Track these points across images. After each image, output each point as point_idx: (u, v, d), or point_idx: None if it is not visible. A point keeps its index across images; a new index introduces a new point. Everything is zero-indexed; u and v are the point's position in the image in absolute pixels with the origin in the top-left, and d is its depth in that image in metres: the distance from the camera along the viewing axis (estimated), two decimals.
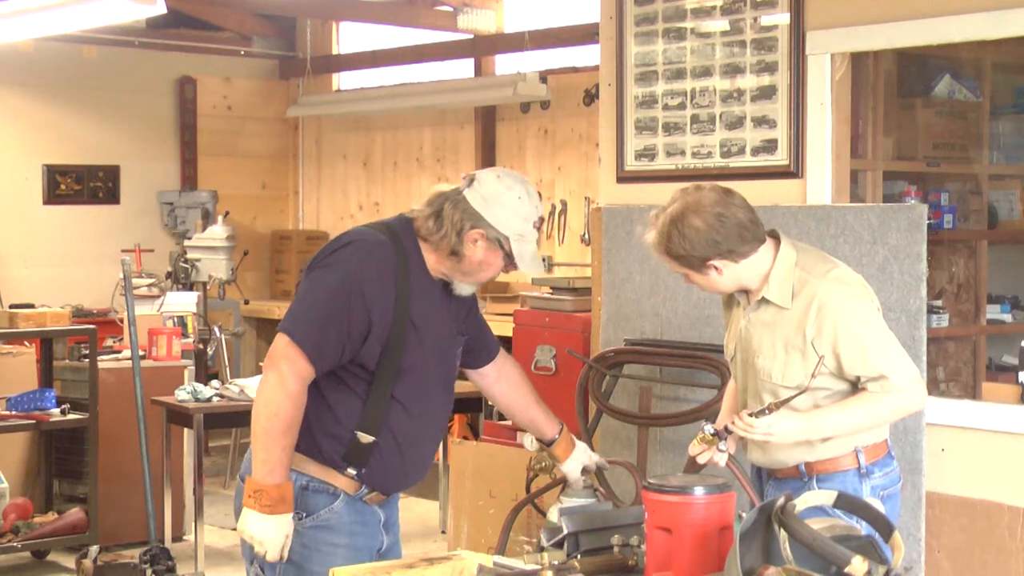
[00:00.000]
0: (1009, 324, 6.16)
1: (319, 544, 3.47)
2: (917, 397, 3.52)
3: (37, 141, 10.38)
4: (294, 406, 3.36)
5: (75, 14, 6.40)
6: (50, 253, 10.43)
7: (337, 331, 3.37)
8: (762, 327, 3.56)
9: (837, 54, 4.86)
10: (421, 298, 3.46)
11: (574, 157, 9.62)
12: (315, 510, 3.47)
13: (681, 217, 3.49)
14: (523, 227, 3.44)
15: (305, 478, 3.46)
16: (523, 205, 3.44)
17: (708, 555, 2.70)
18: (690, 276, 3.56)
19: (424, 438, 3.56)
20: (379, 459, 3.47)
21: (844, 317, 3.45)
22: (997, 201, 6.40)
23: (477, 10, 10.11)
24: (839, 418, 3.47)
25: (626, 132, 5.48)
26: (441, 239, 3.44)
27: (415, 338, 3.44)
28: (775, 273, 3.52)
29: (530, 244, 3.47)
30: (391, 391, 3.43)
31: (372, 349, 3.41)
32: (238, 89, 11.32)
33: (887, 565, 2.60)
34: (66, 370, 7.42)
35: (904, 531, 4.16)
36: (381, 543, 3.59)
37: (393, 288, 3.41)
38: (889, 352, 3.48)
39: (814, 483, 3.52)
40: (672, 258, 3.52)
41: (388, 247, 3.45)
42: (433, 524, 7.78)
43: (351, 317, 3.37)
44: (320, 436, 3.46)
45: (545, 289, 6.33)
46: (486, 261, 3.46)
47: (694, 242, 3.47)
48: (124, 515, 7.14)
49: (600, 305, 5.48)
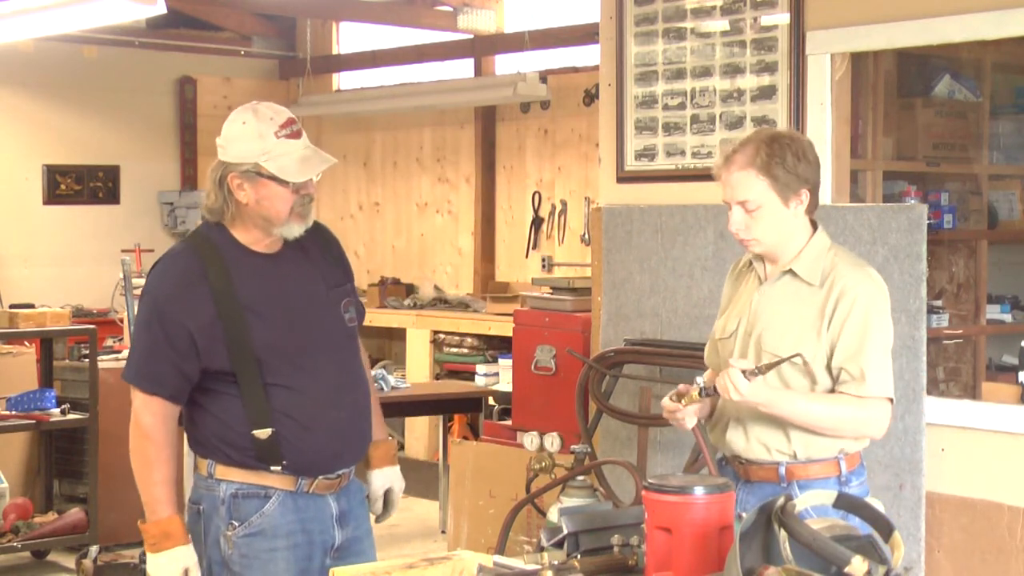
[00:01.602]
0: (1009, 324, 6.16)
1: (256, 552, 3.41)
2: (880, 421, 3.45)
3: (37, 141, 10.39)
4: (152, 443, 3.40)
5: (75, 14, 6.40)
6: (50, 253, 10.44)
7: (163, 356, 3.37)
8: (779, 302, 3.49)
9: (837, 54, 4.86)
10: (251, 280, 3.40)
11: (574, 157, 9.62)
12: (246, 517, 3.41)
13: (790, 135, 3.47)
14: (262, 145, 3.33)
15: (234, 486, 3.42)
16: (249, 127, 3.35)
17: (708, 555, 2.70)
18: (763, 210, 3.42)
19: (327, 407, 3.43)
20: (289, 446, 3.38)
21: (860, 307, 3.42)
22: (997, 201, 6.40)
23: (477, 10, 10.12)
24: (802, 405, 3.40)
25: (626, 132, 5.48)
26: (224, 206, 3.40)
27: (258, 321, 3.37)
28: (808, 250, 3.49)
29: (284, 155, 3.34)
30: (261, 380, 3.37)
31: (214, 352, 3.36)
32: (238, 89, 11.32)
33: (887, 565, 2.61)
34: (66, 370, 7.42)
35: (904, 531, 4.16)
36: (332, 539, 3.49)
37: (205, 287, 3.36)
38: (882, 363, 3.44)
39: (795, 489, 3.42)
40: (770, 176, 3.39)
41: (186, 253, 3.43)
42: (433, 524, 7.78)
43: (168, 337, 3.36)
44: (226, 448, 3.42)
45: (545, 289, 6.34)
46: (263, 197, 3.36)
47: (805, 157, 3.42)
48: (124, 515, 7.10)
49: (600, 305, 5.48)
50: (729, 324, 3.61)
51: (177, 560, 3.36)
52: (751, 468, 3.52)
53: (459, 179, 10.32)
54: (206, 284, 3.36)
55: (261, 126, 3.35)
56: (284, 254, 3.47)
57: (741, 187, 3.43)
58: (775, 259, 3.53)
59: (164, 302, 3.39)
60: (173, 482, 3.42)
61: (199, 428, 3.48)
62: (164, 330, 3.36)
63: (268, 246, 3.45)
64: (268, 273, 3.44)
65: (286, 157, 3.35)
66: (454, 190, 10.36)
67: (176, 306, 3.37)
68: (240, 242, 3.43)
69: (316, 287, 3.50)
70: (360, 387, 3.56)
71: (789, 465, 3.47)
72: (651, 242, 5.25)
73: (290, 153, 3.35)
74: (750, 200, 3.42)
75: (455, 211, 10.40)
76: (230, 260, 3.40)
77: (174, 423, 3.46)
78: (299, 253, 3.49)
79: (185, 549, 3.38)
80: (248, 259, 3.43)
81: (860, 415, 3.42)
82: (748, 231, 3.46)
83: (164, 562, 3.36)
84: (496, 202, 10.19)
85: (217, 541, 3.43)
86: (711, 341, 3.75)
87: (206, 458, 3.47)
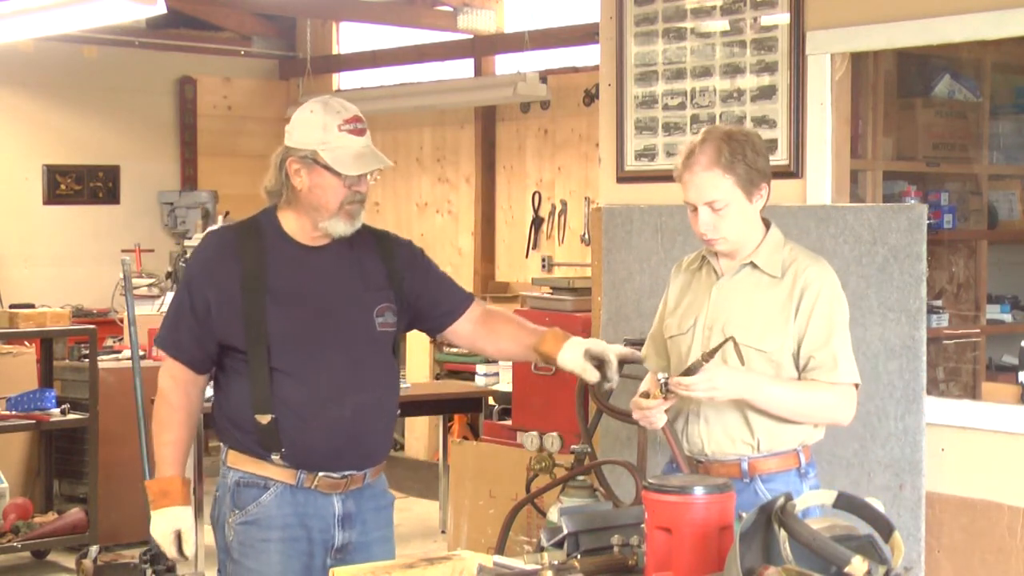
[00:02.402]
0: (1009, 324, 6.16)
1: (251, 540, 3.45)
2: (849, 406, 3.49)
3: (37, 141, 10.39)
4: (166, 403, 3.49)
5: (75, 14, 6.41)
6: (50, 253, 10.44)
7: (185, 322, 3.48)
8: (740, 294, 3.52)
9: (837, 54, 4.86)
10: (284, 267, 3.46)
11: (574, 157, 9.63)
12: (244, 505, 3.47)
13: (743, 131, 3.51)
14: (323, 135, 3.41)
15: (238, 474, 3.49)
16: (315, 116, 3.43)
17: (708, 555, 2.70)
18: (730, 208, 3.44)
19: (328, 402, 3.44)
20: (288, 436, 3.42)
21: (825, 298, 3.47)
22: (997, 201, 6.40)
23: (477, 10, 10.12)
24: (779, 390, 3.43)
25: (626, 132, 5.48)
26: (281, 189, 3.48)
27: (277, 307, 3.42)
28: (767, 243, 3.53)
29: (342, 148, 3.41)
30: (269, 364, 3.41)
31: (231, 327, 3.43)
32: (238, 89, 11.32)
33: (887, 565, 2.61)
34: (66, 370, 7.42)
35: (904, 531, 4.16)
36: (332, 539, 3.49)
37: (236, 264, 3.44)
38: (848, 351, 3.49)
39: (758, 483, 3.46)
40: (734, 174, 3.42)
41: (228, 231, 3.58)
42: (433, 524, 7.78)
43: (191, 305, 3.47)
44: (232, 428, 3.50)
45: (545, 289, 6.34)
46: (316, 185, 3.43)
47: (761, 152, 3.47)
48: (124, 515, 7.13)
49: (600, 305, 5.48)
50: (684, 321, 3.61)
51: (171, 520, 3.43)
52: (712, 466, 3.52)
53: (459, 179, 10.32)
54: (238, 262, 3.45)
55: (327, 118, 3.43)
56: (328, 249, 3.52)
57: (708, 187, 3.45)
58: (733, 255, 3.56)
59: (195, 271, 3.51)
60: (183, 446, 3.49)
61: (216, 408, 3.56)
62: (190, 298, 3.47)
63: (314, 239, 3.51)
64: (304, 264, 3.49)
65: (343, 150, 3.41)
66: (454, 190, 10.36)
67: (204, 277, 3.47)
68: (286, 231, 3.51)
69: (352, 286, 3.53)
70: (373, 391, 3.53)
71: (751, 459, 3.50)
72: (651, 242, 5.25)
73: (348, 147, 3.42)
74: (718, 199, 3.45)
75: (455, 211, 10.40)
76: (269, 245, 3.48)
77: (195, 390, 3.53)
78: (344, 251, 3.53)
79: (181, 510, 3.44)
80: (288, 248, 3.50)
81: (831, 400, 3.47)
82: (716, 230, 3.49)
83: (159, 520, 3.43)
84: (496, 202, 10.20)
85: (223, 527, 3.51)
86: (653, 341, 3.78)
87: (221, 442, 3.56)
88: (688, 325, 3.59)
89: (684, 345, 3.59)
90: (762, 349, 3.45)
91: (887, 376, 4.54)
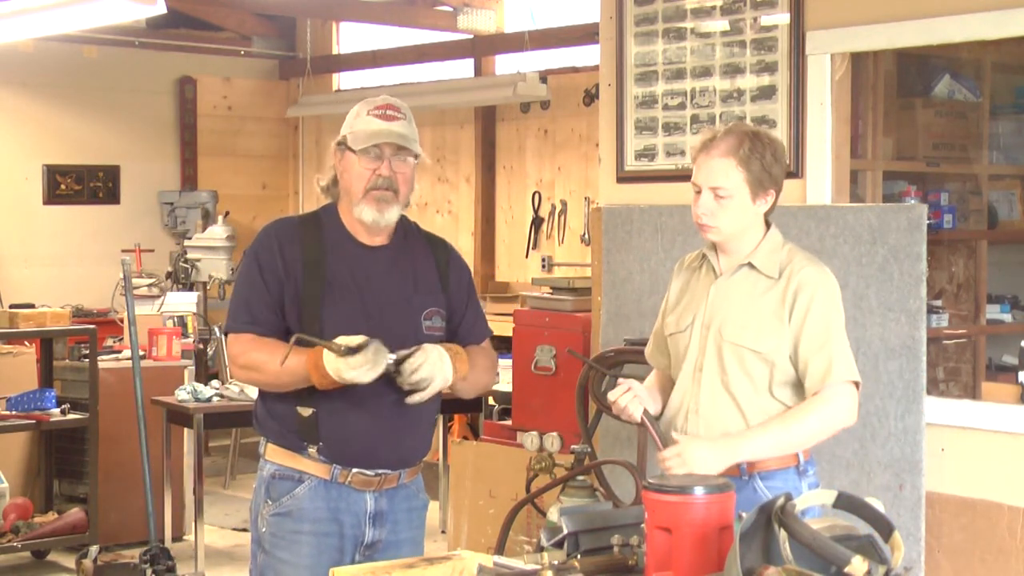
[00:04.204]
0: (1009, 324, 6.16)
1: (283, 532, 3.49)
2: (850, 408, 3.48)
3: (37, 141, 10.39)
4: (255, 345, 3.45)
5: (75, 14, 6.41)
6: (50, 253, 10.44)
7: (257, 293, 3.49)
8: (737, 294, 3.54)
9: (837, 54, 4.86)
10: (341, 262, 3.52)
11: (574, 157, 9.62)
12: (278, 497, 3.50)
13: (770, 135, 3.54)
14: (353, 121, 3.54)
15: (274, 467, 3.53)
16: (356, 107, 3.58)
17: (708, 555, 2.70)
18: (732, 200, 3.46)
19: (370, 396, 3.44)
20: (328, 430, 3.46)
21: (820, 300, 3.47)
22: (997, 201, 6.40)
23: (477, 10, 10.12)
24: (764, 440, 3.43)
25: (626, 132, 5.48)
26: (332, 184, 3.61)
27: (332, 297, 3.47)
28: (765, 245, 3.55)
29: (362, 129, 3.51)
30: None
31: (290, 308, 3.47)
32: (238, 89, 11.32)
33: (887, 565, 2.61)
34: (66, 370, 7.42)
35: (904, 531, 4.16)
36: (362, 535, 3.52)
37: (300, 251, 3.50)
38: (845, 350, 3.49)
39: (756, 481, 3.46)
40: (747, 169, 3.45)
41: (292, 221, 3.64)
42: (433, 524, 7.78)
43: (263, 276, 3.49)
44: (272, 422, 3.53)
45: (545, 289, 6.34)
46: (345, 169, 3.55)
47: (780, 160, 3.51)
48: (124, 515, 7.14)
49: (600, 305, 5.48)
50: (683, 319, 3.63)
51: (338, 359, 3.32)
52: None
53: (459, 179, 10.32)
54: (301, 250, 3.51)
55: (363, 107, 3.56)
56: (384, 249, 3.59)
57: (718, 173, 3.48)
58: (728, 251, 3.57)
59: (262, 249, 3.54)
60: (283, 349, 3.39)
61: (260, 399, 3.59)
62: (260, 272, 3.50)
63: (370, 239, 3.57)
64: (360, 260, 3.55)
65: (363, 131, 3.52)
66: (454, 190, 10.36)
67: (272, 253, 3.51)
68: (345, 227, 3.57)
69: (403, 287, 3.58)
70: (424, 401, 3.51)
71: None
72: (651, 242, 5.25)
73: (368, 128, 3.52)
74: (723, 187, 3.47)
75: (455, 211, 10.40)
76: (329, 239, 3.54)
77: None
78: (400, 254, 3.60)
79: (328, 354, 3.34)
80: (347, 243, 3.56)
81: (827, 412, 3.46)
82: (712, 217, 3.50)
83: (332, 365, 3.32)
84: (496, 202, 10.19)
85: (256, 519, 3.55)
86: (656, 338, 3.78)
87: (261, 435, 3.59)
88: (686, 323, 3.61)
89: (682, 343, 3.61)
90: (757, 350, 3.47)
91: (887, 376, 4.54)
